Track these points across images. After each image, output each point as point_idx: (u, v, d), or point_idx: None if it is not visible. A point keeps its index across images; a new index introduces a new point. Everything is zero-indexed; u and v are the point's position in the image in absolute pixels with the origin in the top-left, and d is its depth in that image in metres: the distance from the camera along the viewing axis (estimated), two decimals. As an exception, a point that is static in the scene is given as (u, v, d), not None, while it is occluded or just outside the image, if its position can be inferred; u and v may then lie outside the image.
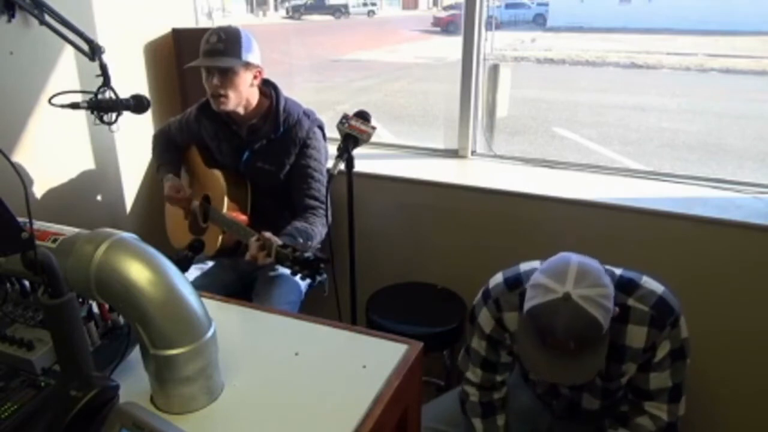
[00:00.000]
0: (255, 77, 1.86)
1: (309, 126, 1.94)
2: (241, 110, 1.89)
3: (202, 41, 1.82)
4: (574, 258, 1.27)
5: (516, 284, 1.42)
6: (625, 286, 1.33)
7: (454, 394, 1.66)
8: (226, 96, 1.82)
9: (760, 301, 1.85)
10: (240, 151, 1.96)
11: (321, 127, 2.00)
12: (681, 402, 1.37)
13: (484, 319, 1.46)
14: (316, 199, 1.91)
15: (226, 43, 1.78)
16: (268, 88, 1.96)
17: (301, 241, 1.73)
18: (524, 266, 1.44)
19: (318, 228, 1.85)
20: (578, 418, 1.57)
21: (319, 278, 1.44)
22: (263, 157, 1.93)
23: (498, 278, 1.47)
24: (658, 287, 1.35)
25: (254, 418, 0.92)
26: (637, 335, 1.32)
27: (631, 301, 1.32)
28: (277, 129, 1.91)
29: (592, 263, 1.27)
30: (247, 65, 1.82)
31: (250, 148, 1.94)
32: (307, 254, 1.44)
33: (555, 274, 1.24)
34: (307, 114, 1.97)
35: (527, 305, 1.26)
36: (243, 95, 1.85)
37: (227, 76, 1.79)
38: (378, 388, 0.98)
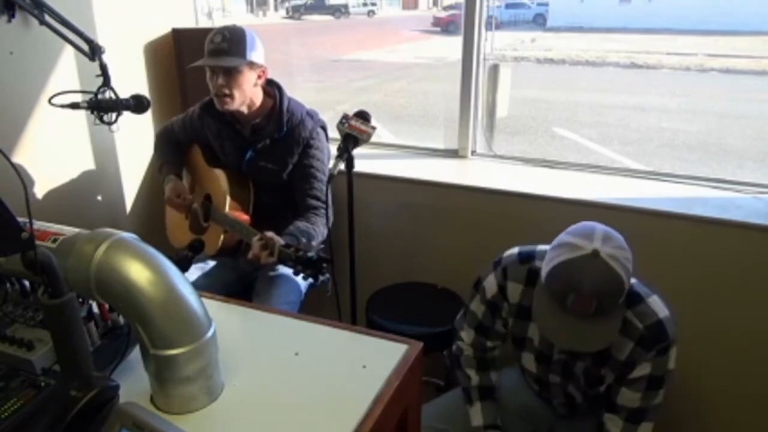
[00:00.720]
0: (259, 77, 1.87)
1: (312, 126, 1.94)
2: (244, 110, 1.89)
3: (206, 41, 1.82)
4: (599, 224, 1.28)
5: (528, 259, 1.43)
6: (630, 298, 1.31)
7: (455, 394, 1.66)
8: (230, 95, 1.82)
9: (760, 301, 1.85)
10: (243, 151, 1.96)
11: (324, 128, 2.00)
12: (640, 428, 1.36)
13: (489, 283, 1.48)
14: (318, 199, 1.91)
15: (231, 43, 1.78)
16: (271, 87, 1.96)
17: (304, 240, 1.73)
18: (541, 246, 1.44)
19: (319, 228, 1.86)
20: (579, 418, 1.57)
21: (321, 278, 1.45)
22: (266, 156, 1.93)
23: (513, 250, 1.48)
24: (662, 310, 1.31)
25: (254, 418, 0.91)
26: (622, 347, 1.32)
27: (629, 314, 1.30)
28: (281, 129, 1.91)
29: (615, 231, 1.28)
30: (252, 65, 1.82)
31: (253, 148, 1.94)
32: (310, 254, 1.45)
33: (582, 235, 1.25)
34: (311, 114, 1.97)
35: (551, 264, 1.25)
36: (247, 95, 1.85)
37: (231, 75, 1.80)
38: (378, 388, 0.98)
